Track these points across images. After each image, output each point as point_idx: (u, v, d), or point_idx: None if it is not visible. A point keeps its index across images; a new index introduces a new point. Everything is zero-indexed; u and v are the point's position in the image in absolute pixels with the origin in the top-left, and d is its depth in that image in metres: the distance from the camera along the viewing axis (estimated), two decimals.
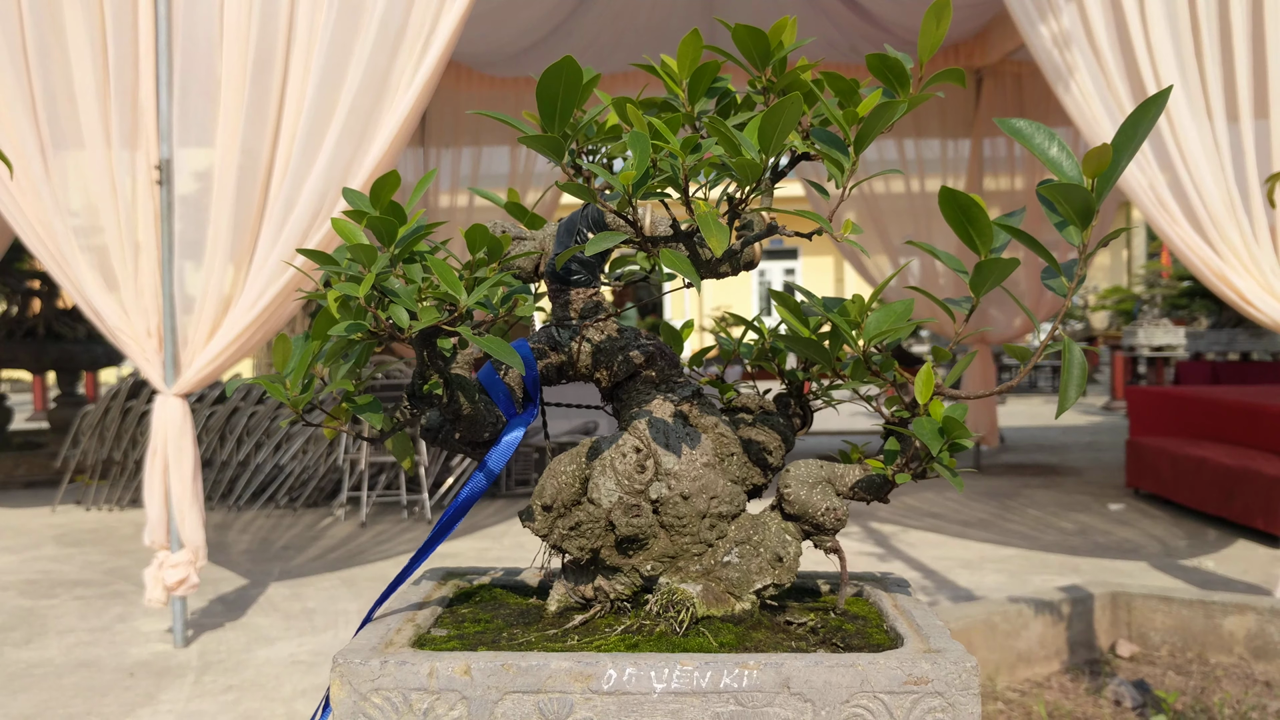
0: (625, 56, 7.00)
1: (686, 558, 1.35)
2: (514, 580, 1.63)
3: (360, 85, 4.53)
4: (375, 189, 1.16)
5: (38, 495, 8.83)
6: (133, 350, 4.68)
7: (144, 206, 4.63)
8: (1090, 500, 7.97)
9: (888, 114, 1.15)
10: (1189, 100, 4.62)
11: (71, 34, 4.55)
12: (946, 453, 1.27)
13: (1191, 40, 4.59)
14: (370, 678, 1.19)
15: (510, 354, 1.12)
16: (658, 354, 1.43)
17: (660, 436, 1.36)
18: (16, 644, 4.69)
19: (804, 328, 1.30)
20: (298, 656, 4.48)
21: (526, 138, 1.05)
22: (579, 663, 1.18)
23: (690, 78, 1.24)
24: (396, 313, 1.10)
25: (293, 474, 7.96)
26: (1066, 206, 1.29)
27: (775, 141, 1.08)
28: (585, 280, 1.41)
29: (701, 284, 1.10)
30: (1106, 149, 1.27)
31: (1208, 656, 4.19)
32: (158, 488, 4.68)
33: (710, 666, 1.17)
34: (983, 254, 1.30)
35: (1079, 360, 1.33)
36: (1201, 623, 4.26)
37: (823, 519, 1.34)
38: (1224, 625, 4.20)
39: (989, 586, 5.42)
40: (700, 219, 1.05)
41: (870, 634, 1.34)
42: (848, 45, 8.94)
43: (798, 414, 1.49)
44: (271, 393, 1.18)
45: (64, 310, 10.24)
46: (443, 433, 1.37)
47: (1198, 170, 4.60)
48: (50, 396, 15.33)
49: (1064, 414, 11.23)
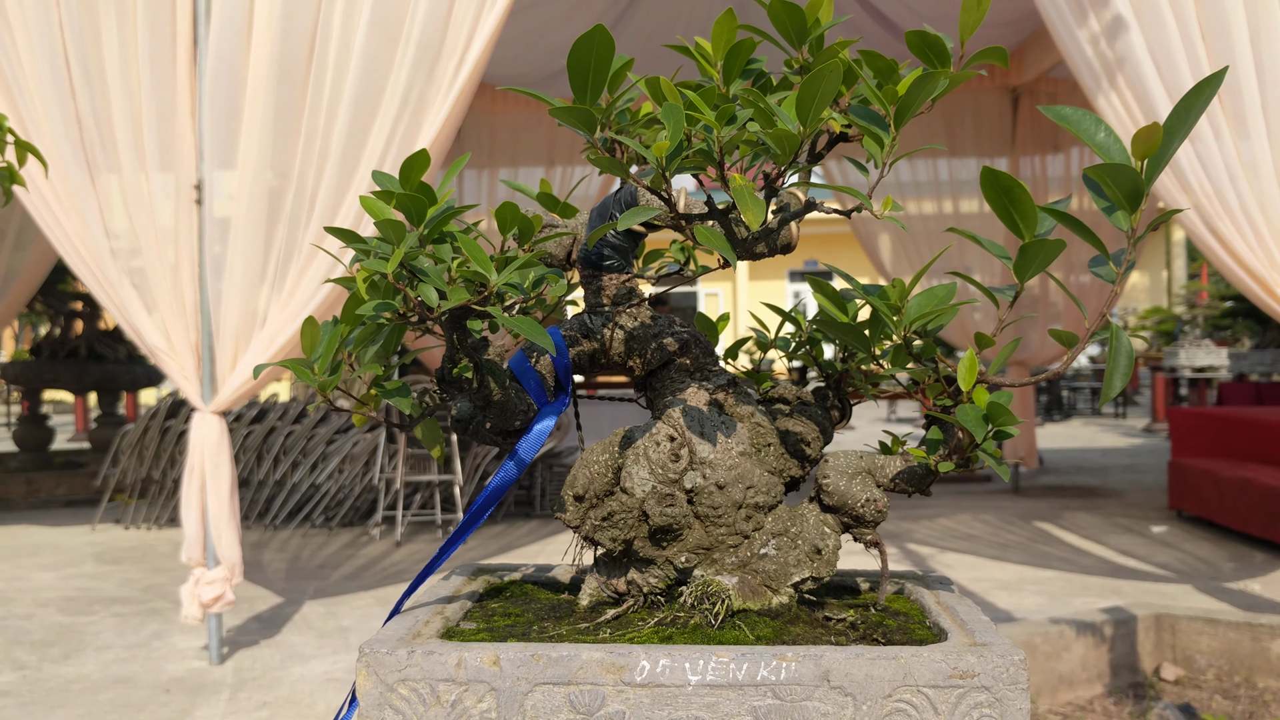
0: (660, 75, 7.01)
1: (722, 549, 1.31)
2: (545, 576, 1.59)
3: (396, 105, 4.55)
4: (405, 168, 1.14)
5: (78, 514, 8.91)
6: (171, 368, 4.71)
7: (182, 227, 4.67)
8: (1132, 522, 7.82)
9: (928, 87, 1.11)
10: (1233, 110, 4.55)
11: (109, 59, 4.61)
12: (991, 441, 1.22)
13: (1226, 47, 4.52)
14: (397, 668, 1.16)
15: (542, 335, 1.09)
16: (692, 341, 1.39)
17: (695, 425, 1.32)
18: (55, 660, 4.70)
19: (842, 314, 1.26)
20: (332, 674, 4.46)
21: (557, 109, 1.03)
22: (611, 654, 1.14)
23: (725, 57, 1.21)
24: (425, 292, 1.07)
25: (328, 493, 7.98)
26: (1115, 189, 1.25)
27: (814, 113, 1.05)
28: (618, 265, 1.38)
29: (737, 262, 1.07)
30: (1156, 128, 1.22)
31: (1255, 680, 4.08)
32: (195, 505, 4.69)
33: (747, 658, 1.13)
34: (1026, 237, 1.26)
35: (1126, 349, 1.28)
36: (1249, 646, 4.15)
37: (863, 510, 1.30)
38: (1272, 648, 4.09)
39: (1028, 608, 5.31)
40: (736, 192, 1.02)
41: (913, 630, 1.30)
42: None
43: (836, 406, 1.44)
44: (299, 377, 1.16)
45: (105, 331, 10.36)
46: (474, 423, 1.35)
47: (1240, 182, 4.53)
48: (91, 417, 15.53)
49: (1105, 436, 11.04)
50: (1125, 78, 4.62)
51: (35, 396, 10.31)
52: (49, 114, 4.60)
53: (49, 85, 4.59)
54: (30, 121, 4.61)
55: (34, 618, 5.44)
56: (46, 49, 4.57)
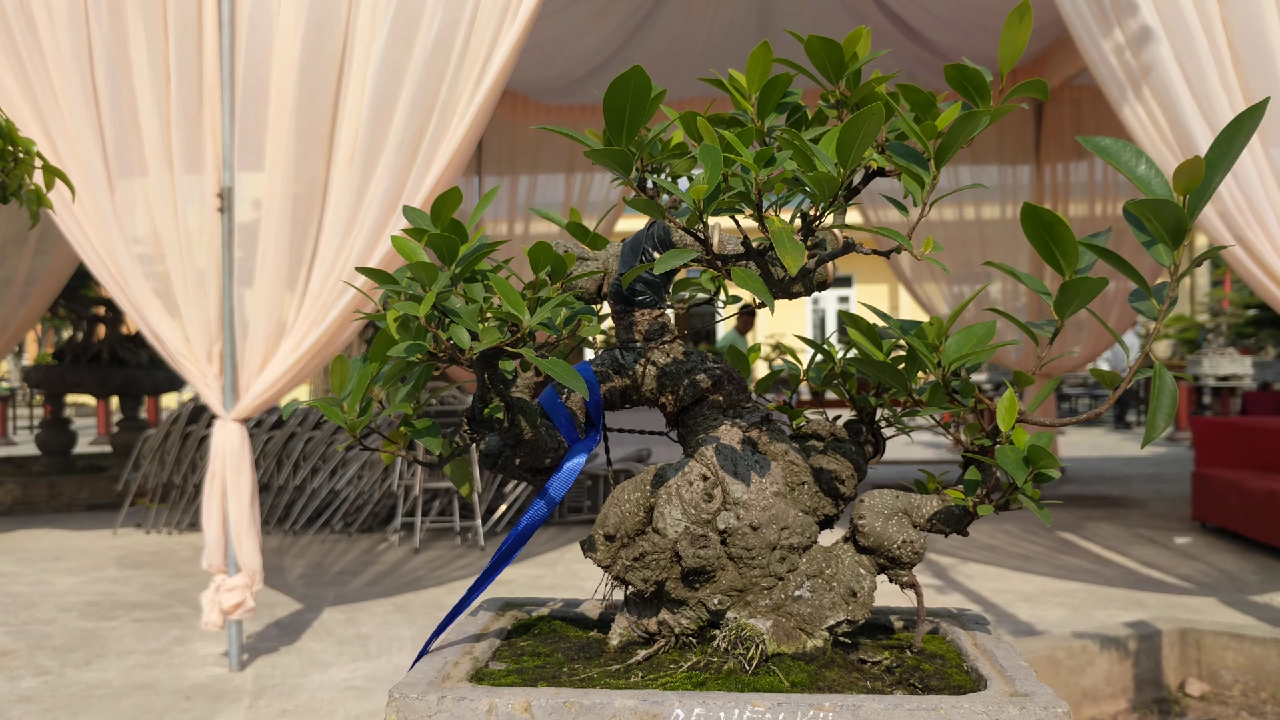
0: (682, 83, 7.02)
1: (755, 591, 1.29)
2: (573, 612, 1.57)
3: (418, 109, 4.55)
4: (436, 206, 1.12)
5: (100, 518, 8.96)
6: (193, 375, 4.72)
7: (206, 234, 4.68)
8: (1155, 533, 7.75)
9: (970, 126, 1.09)
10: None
11: (137, 63, 4.63)
12: (1030, 483, 1.20)
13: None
14: (427, 713, 1.14)
15: (574, 377, 1.07)
16: (725, 378, 1.37)
17: (729, 464, 1.30)
18: (77, 665, 4.72)
19: (877, 350, 1.24)
20: (351, 682, 4.46)
21: (593, 151, 1.01)
22: (644, 701, 1.12)
23: (760, 91, 1.19)
24: (457, 333, 1.06)
25: (348, 499, 7.99)
26: (1156, 224, 1.22)
27: (854, 155, 1.03)
28: (650, 301, 1.36)
29: (774, 304, 1.05)
30: (1199, 162, 1.20)
31: None
32: (216, 511, 4.70)
33: (783, 708, 1.11)
34: (1067, 274, 1.23)
35: (1170, 389, 1.25)
36: (1276, 661, 4.10)
37: (899, 552, 1.28)
38: None
39: (1051, 621, 5.27)
40: (774, 235, 1.00)
41: (950, 674, 1.27)
42: (905, 73, 8.87)
43: (869, 441, 1.42)
44: (329, 416, 1.14)
45: (128, 336, 10.42)
46: (502, 458, 1.33)
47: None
48: (113, 421, 15.63)
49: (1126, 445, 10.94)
50: (1151, 88, 4.57)
51: (58, 400, 10.37)
52: (76, 122, 4.62)
53: (77, 95, 4.60)
54: (57, 130, 4.63)
55: (56, 622, 5.46)
56: (74, 58, 4.59)
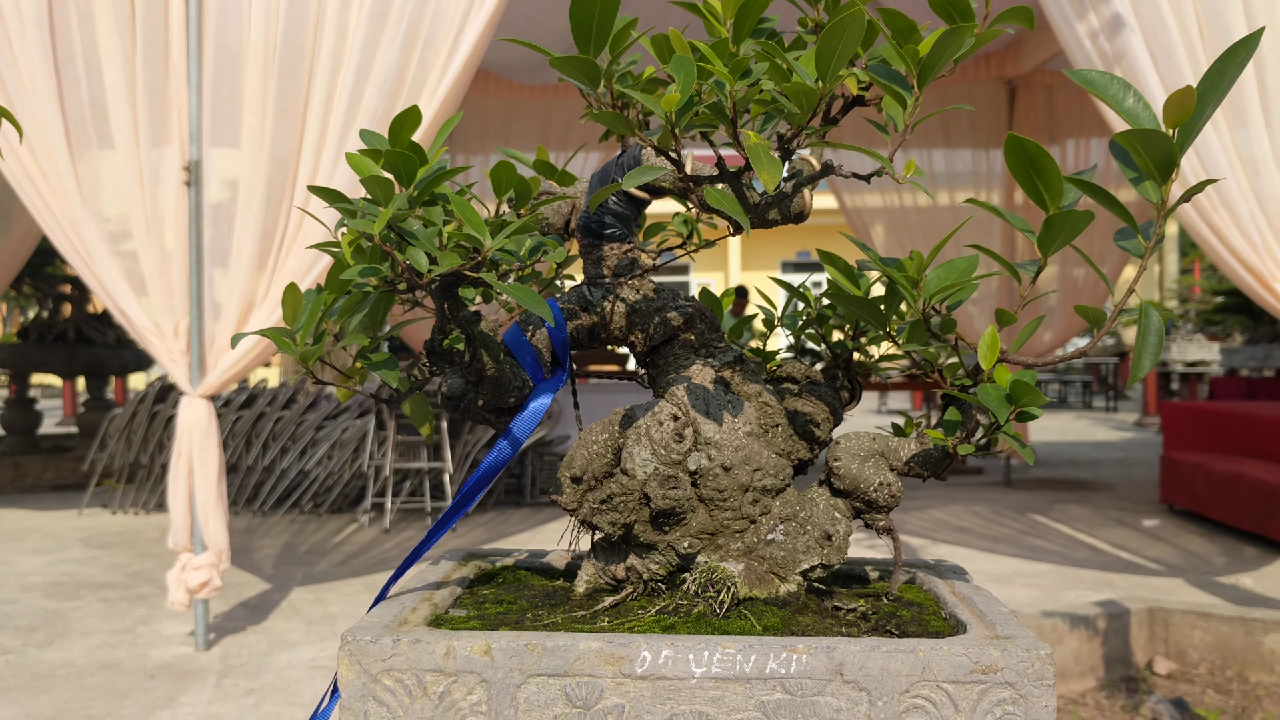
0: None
1: (727, 534, 1.24)
2: (539, 562, 1.52)
3: (388, 86, 4.47)
4: (394, 127, 1.07)
5: (65, 498, 8.83)
6: (159, 351, 4.62)
7: (173, 210, 4.58)
8: (1124, 516, 7.79)
9: (954, 45, 1.04)
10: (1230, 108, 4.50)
11: (103, 33, 4.51)
12: (1012, 422, 1.16)
13: None
14: (381, 657, 1.09)
15: (540, 304, 1.02)
16: (697, 316, 1.32)
17: (700, 403, 1.25)
18: (40, 645, 4.63)
19: (854, 286, 1.19)
20: (319, 661, 4.40)
21: (558, 59, 0.96)
22: (610, 644, 1.07)
23: (735, 15, 1.14)
24: (414, 255, 1.00)
25: (317, 479, 7.90)
26: (1144, 157, 1.18)
27: (834, 68, 0.98)
28: (620, 234, 1.31)
29: (749, 228, 1.00)
30: (1190, 93, 1.15)
31: (1248, 675, 4.05)
32: (182, 490, 4.61)
33: (755, 649, 1.06)
34: (1052, 208, 1.19)
35: (1157, 327, 1.21)
36: (1242, 640, 4.12)
37: (875, 495, 1.23)
38: (1265, 643, 4.06)
39: (1020, 601, 5.26)
40: (750, 150, 0.95)
41: (928, 621, 1.23)
42: None
43: (845, 386, 1.38)
44: (280, 347, 1.09)
45: (94, 315, 10.26)
46: (465, 400, 1.28)
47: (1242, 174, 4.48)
48: (79, 401, 15.43)
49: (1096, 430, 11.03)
50: (1124, 72, 4.55)
51: (23, 380, 10.21)
52: (35, 88, 4.50)
53: (37, 62, 4.48)
54: (19, 100, 4.51)
55: (19, 602, 5.36)
56: (37, 28, 4.47)
